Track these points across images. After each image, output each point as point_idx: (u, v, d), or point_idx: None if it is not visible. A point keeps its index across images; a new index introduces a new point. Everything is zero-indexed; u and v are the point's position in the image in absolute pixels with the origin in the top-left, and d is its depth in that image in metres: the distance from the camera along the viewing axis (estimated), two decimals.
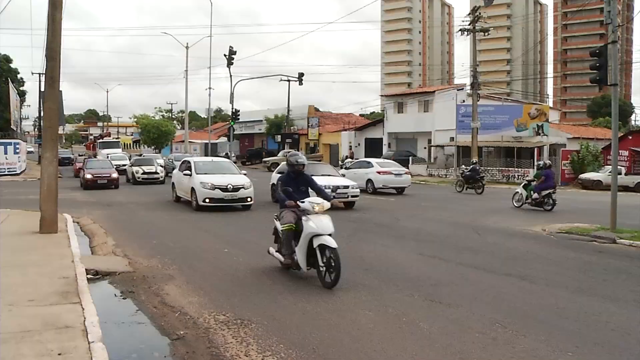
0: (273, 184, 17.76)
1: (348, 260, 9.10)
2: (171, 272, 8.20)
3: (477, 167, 25.99)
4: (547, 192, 17.47)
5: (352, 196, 17.38)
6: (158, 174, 28.96)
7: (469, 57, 77.39)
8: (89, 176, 24.82)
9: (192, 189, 16.44)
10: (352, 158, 44.96)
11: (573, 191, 29.30)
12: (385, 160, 26.88)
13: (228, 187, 16.00)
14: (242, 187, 16.25)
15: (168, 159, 38.19)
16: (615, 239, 11.58)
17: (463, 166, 29.47)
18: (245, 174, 17.52)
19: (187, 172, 17.18)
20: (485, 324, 5.70)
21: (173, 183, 19.23)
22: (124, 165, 32.82)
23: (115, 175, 25.56)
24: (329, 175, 18.26)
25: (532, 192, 17.80)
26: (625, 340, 5.31)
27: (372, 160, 25.76)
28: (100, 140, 57.21)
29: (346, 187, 17.30)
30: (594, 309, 6.37)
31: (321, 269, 7.22)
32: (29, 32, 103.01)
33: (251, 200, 16.42)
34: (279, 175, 14.92)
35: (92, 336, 4.86)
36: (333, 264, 7.03)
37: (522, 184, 19.11)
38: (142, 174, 28.50)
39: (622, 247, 11.13)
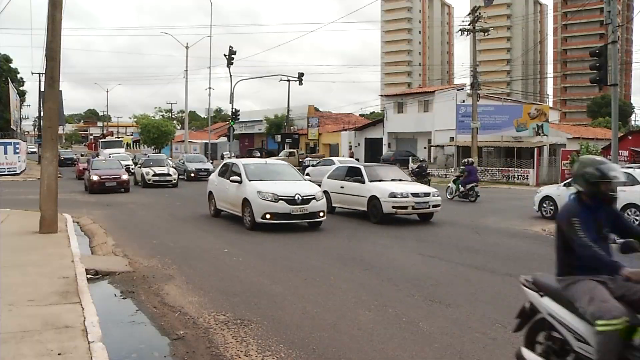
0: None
1: (348, 260, 9.12)
2: (171, 272, 8.20)
3: (424, 165, 28.63)
4: (471, 185, 20.19)
5: (434, 206, 14.12)
6: (170, 175, 26.67)
7: (469, 57, 77.49)
8: (95, 178, 22.18)
9: (245, 201, 12.60)
10: (351, 158, 44.95)
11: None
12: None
13: (296, 198, 12.23)
14: (313, 198, 12.48)
15: (179, 159, 36.33)
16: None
17: (411, 163, 31.24)
18: (310, 181, 14.79)
19: (236, 177, 13.25)
20: (485, 324, 5.70)
21: (210, 192, 15.02)
22: (128, 166, 31.06)
23: (125, 177, 23.15)
24: (401, 180, 15.11)
25: (459, 185, 20.56)
26: None
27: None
28: (102, 140, 55.42)
29: (427, 194, 14.06)
30: None
31: None
32: (29, 32, 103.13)
33: (323, 216, 12.78)
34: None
35: (92, 336, 4.85)
36: None
37: (453, 179, 21.87)
38: (153, 175, 26.17)
39: None
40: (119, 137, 69.55)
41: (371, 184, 14.21)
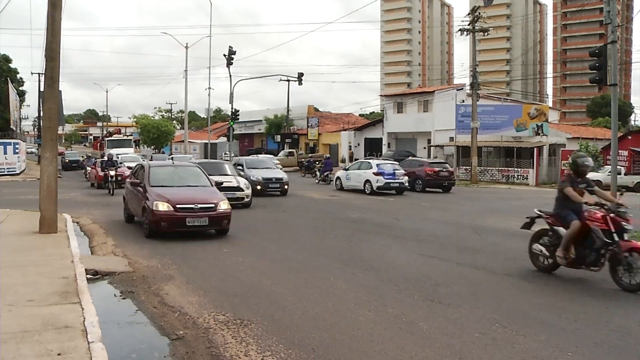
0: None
1: (348, 260, 9.12)
2: (171, 272, 8.19)
3: (311, 159, 38.96)
4: (326, 173, 30.55)
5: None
6: (242, 190, 16.95)
7: (468, 57, 77.51)
8: (163, 207, 10.91)
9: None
10: (352, 158, 45.03)
11: None
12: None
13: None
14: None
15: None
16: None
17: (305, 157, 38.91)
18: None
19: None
20: (485, 324, 5.70)
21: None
22: None
23: (224, 206, 11.40)
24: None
25: (319, 173, 31.42)
26: (625, 340, 5.30)
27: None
28: (109, 138, 47.15)
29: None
30: (594, 308, 6.37)
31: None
32: (28, 32, 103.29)
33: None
34: None
35: (91, 336, 4.85)
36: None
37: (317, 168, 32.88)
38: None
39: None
40: (127, 135, 57.88)
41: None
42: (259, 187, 20.73)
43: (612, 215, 7.37)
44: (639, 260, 6.97)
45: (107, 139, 44.30)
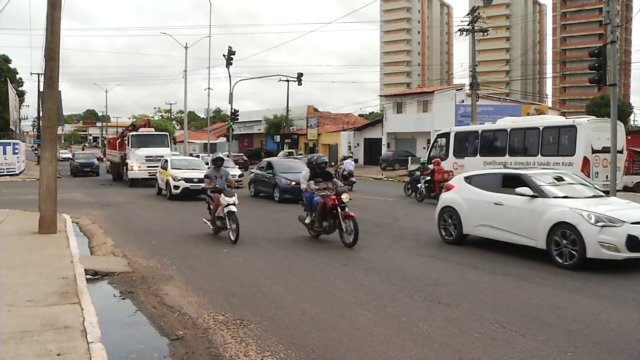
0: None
1: (347, 260, 9.12)
2: (170, 272, 8.20)
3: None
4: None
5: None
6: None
7: (468, 57, 77.44)
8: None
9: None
10: (351, 158, 44.77)
11: None
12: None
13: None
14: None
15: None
16: None
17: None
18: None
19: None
20: (485, 324, 5.70)
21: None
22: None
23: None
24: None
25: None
26: (624, 340, 5.30)
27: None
28: (133, 133, 28.85)
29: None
30: (593, 308, 6.37)
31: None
32: (28, 33, 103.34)
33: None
34: None
35: (91, 336, 4.85)
36: None
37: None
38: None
39: None
40: (162, 130, 38.78)
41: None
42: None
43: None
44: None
45: (130, 133, 28.66)
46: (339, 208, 10.24)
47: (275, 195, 19.50)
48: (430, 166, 20.40)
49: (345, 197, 10.43)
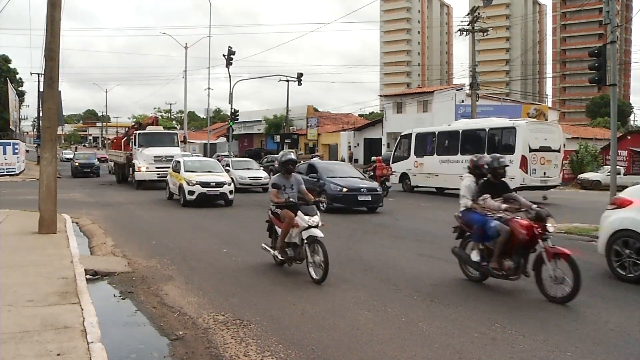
0: None
1: (347, 260, 9.11)
2: (170, 272, 8.19)
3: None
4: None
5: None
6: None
7: (468, 57, 77.44)
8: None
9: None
10: (351, 158, 44.96)
11: (572, 191, 29.33)
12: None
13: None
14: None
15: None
16: None
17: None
18: None
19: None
20: (485, 324, 5.70)
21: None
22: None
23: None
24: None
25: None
26: (624, 340, 5.30)
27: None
28: (140, 132, 26.52)
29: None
30: (593, 308, 6.37)
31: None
32: (28, 33, 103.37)
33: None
34: None
35: (91, 336, 4.85)
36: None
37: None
38: None
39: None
40: (171, 128, 36.67)
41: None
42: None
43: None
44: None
45: (137, 132, 26.34)
46: (540, 241, 6.69)
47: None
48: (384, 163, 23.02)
49: (551, 223, 6.74)
